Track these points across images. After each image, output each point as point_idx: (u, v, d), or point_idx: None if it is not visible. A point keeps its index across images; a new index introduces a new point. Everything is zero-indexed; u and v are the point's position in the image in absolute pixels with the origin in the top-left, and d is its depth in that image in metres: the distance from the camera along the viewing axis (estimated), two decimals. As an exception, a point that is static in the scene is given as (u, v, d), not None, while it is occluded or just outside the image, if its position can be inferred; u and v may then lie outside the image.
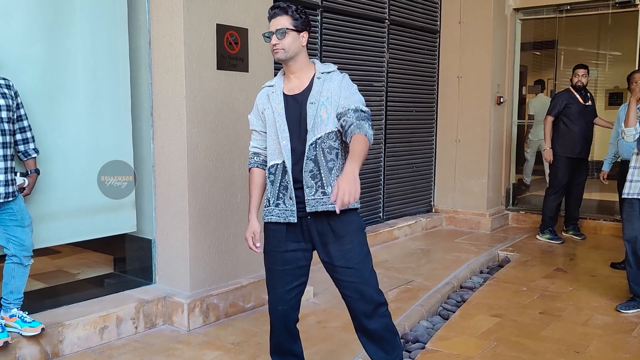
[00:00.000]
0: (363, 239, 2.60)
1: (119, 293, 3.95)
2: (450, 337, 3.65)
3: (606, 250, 5.90)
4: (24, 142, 3.31)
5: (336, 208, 2.21)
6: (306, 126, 2.49)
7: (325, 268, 2.64)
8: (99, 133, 3.79)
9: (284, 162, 2.52)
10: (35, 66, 3.46)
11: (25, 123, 3.30)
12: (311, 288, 4.34)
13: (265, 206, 2.63)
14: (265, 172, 2.64)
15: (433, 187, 7.44)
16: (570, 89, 6.22)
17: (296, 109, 2.53)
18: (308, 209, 2.50)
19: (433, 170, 7.41)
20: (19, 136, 3.28)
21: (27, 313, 3.31)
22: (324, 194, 2.49)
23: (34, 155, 3.36)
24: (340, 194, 2.17)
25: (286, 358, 2.75)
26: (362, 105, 2.48)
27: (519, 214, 7.46)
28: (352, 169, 2.22)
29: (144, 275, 4.17)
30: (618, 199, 5.28)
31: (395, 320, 3.21)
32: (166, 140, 3.95)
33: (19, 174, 3.30)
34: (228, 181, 4.06)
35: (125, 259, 4.41)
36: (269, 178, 2.59)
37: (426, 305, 4.25)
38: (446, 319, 4.08)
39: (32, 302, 3.50)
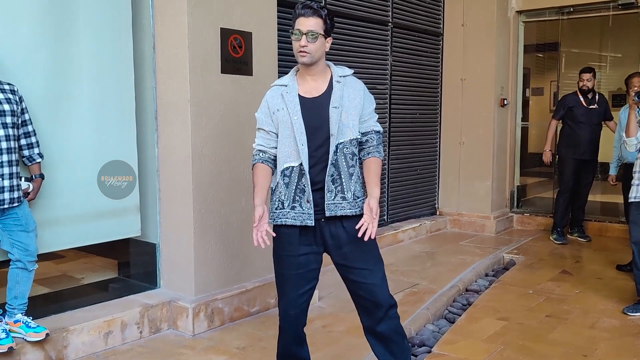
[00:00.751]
0: (375, 241, 2.60)
1: (123, 298, 3.93)
2: (456, 341, 3.63)
3: (612, 253, 5.87)
4: (28, 147, 3.30)
5: (360, 233, 2.40)
6: (327, 130, 2.48)
7: (338, 270, 2.64)
8: (103, 138, 3.78)
9: (300, 165, 2.49)
10: (40, 71, 3.45)
11: (30, 128, 3.29)
12: (316, 292, 4.33)
13: (277, 208, 2.57)
14: (271, 169, 2.61)
15: (437, 190, 7.43)
16: (577, 92, 6.25)
17: (315, 112, 2.51)
18: (327, 214, 2.50)
19: (437, 173, 7.40)
20: (23, 141, 3.27)
21: (32, 318, 3.29)
22: (344, 198, 2.51)
23: (39, 160, 3.35)
24: (366, 224, 2.39)
25: (293, 363, 2.73)
26: (377, 122, 2.66)
27: (524, 217, 7.44)
28: (378, 196, 2.47)
29: (148, 279, 4.16)
30: (623, 201, 5.26)
31: (401, 323, 3.19)
32: (170, 144, 3.94)
33: (23, 178, 3.29)
34: (233, 185, 4.05)
35: (130, 263, 4.40)
36: (283, 180, 2.54)
37: (432, 308, 4.24)
38: (452, 323, 4.06)
39: (37, 307, 3.49)
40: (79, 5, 3.60)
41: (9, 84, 3.19)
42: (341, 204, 2.51)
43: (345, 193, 2.51)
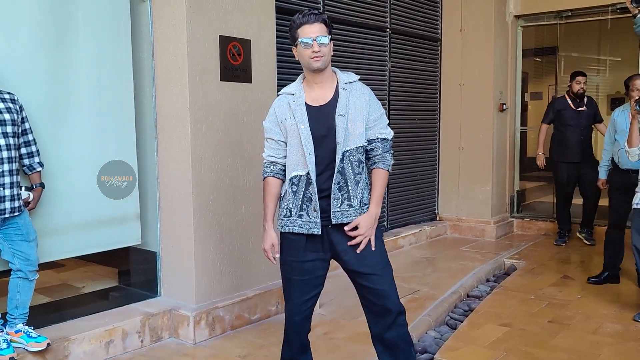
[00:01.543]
0: (383, 246, 2.63)
1: (124, 306, 3.92)
2: (459, 348, 3.62)
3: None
4: (28, 156, 3.29)
5: (354, 243, 2.52)
6: (334, 138, 2.49)
7: (348, 276, 2.65)
8: (103, 146, 3.77)
9: (308, 174, 2.51)
10: (39, 80, 3.45)
11: (30, 137, 3.29)
12: (317, 299, 4.31)
13: (284, 216, 2.59)
14: (281, 181, 2.63)
15: (437, 195, 7.42)
16: (566, 95, 6.31)
17: (322, 120, 2.52)
18: (334, 221, 2.51)
19: (437, 178, 7.40)
20: (23, 150, 3.26)
21: (33, 328, 3.29)
22: (350, 206, 2.52)
23: (39, 169, 3.34)
24: (360, 237, 2.50)
25: (296, 369, 2.73)
26: (388, 129, 2.63)
27: (524, 221, 7.43)
28: (377, 214, 2.55)
29: (149, 288, 4.14)
30: (609, 206, 5.04)
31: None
32: (170, 152, 3.94)
33: (23, 188, 3.28)
34: (233, 192, 4.04)
35: (130, 271, 4.39)
36: (291, 188, 2.56)
37: (433, 315, 4.22)
38: (454, 329, 4.05)
39: (37, 317, 3.47)
40: (78, 13, 3.60)
41: (9, 93, 3.18)
42: (347, 211, 2.52)
43: (352, 200, 2.52)
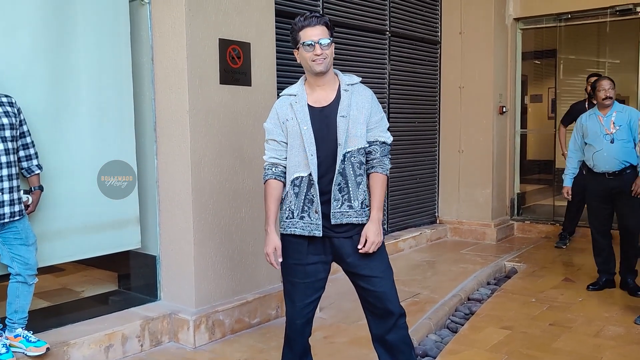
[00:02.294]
0: (384, 249, 2.62)
1: (124, 310, 3.91)
2: (460, 351, 3.60)
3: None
4: (27, 159, 3.28)
5: (364, 251, 2.51)
6: (336, 139, 2.49)
7: (349, 278, 2.65)
8: (103, 149, 3.76)
9: (310, 175, 2.50)
10: (39, 84, 3.44)
11: (29, 139, 3.28)
12: (317, 302, 4.30)
13: (286, 218, 2.58)
14: (283, 183, 2.61)
15: (437, 198, 7.41)
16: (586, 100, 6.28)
17: (324, 121, 2.52)
18: (333, 222, 2.50)
19: (437, 181, 7.39)
20: (22, 153, 3.25)
21: (32, 332, 3.27)
22: (350, 207, 2.52)
23: (38, 171, 3.33)
24: (368, 245, 2.49)
25: (297, 373, 2.72)
26: (388, 133, 2.62)
27: (524, 224, 7.42)
28: (380, 218, 2.54)
29: (148, 292, 4.13)
30: (588, 213, 4.93)
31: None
32: (170, 155, 3.93)
33: (22, 191, 3.27)
34: (232, 196, 4.03)
35: (130, 275, 4.37)
36: (293, 190, 2.55)
37: (434, 318, 4.21)
38: (455, 332, 4.03)
39: (37, 321, 3.46)
40: (77, 17, 3.60)
41: (6, 96, 3.17)
42: (347, 212, 2.51)
43: (352, 202, 2.51)
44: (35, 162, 3.31)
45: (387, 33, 6.39)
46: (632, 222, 4.59)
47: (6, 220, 3.09)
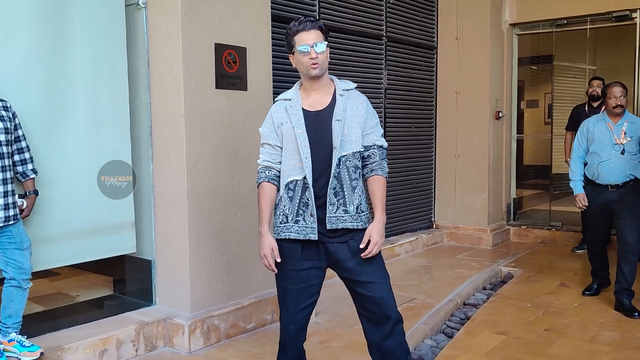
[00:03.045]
0: (380, 254, 2.60)
1: (118, 315, 3.89)
2: (455, 356, 3.60)
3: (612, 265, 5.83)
4: (22, 163, 3.28)
5: (367, 254, 2.49)
6: (331, 143, 2.49)
7: (345, 284, 2.64)
8: (98, 154, 3.76)
9: (304, 179, 2.50)
10: (35, 88, 3.44)
11: (24, 144, 3.28)
12: (313, 307, 4.29)
13: (280, 222, 2.57)
14: (276, 187, 2.61)
15: (433, 203, 7.42)
16: (586, 103, 6.23)
17: (319, 125, 2.52)
18: (329, 226, 2.50)
19: (433, 186, 7.39)
20: (17, 157, 3.25)
21: (26, 337, 3.26)
22: (346, 212, 2.51)
23: (32, 176, 3.33)
24: (371, 245, 2.48)
25: (292, 378, 2.70)
26: (383, 139, 2.64)
27: (521, 229, 7.43)
28: (384, 219, 2.54)
29: (143, 296, 4.12)
30: (588, 225, 4.89)
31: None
32: (165, 160, 3.92)
33: (17, 195, 3.26)
34: (228, 200, 4.03)
35: (125, 280, 4.36)
36: (287, 194, 2.54)
37: (430, 323, 4.20)
38: (450, 337, 4.03)
39: (31, 326, 3.45)
40: (73, 21, 3.60)
41: (1, 100, 3.17)
42: (343, 216, 2.50)
43: (348, 206, 2.51)
44: (30, 167, 3.31)
45: (384, 38, 6.40)
46: (632, 240, 4.34)
47: (0, 224, 3.08)
